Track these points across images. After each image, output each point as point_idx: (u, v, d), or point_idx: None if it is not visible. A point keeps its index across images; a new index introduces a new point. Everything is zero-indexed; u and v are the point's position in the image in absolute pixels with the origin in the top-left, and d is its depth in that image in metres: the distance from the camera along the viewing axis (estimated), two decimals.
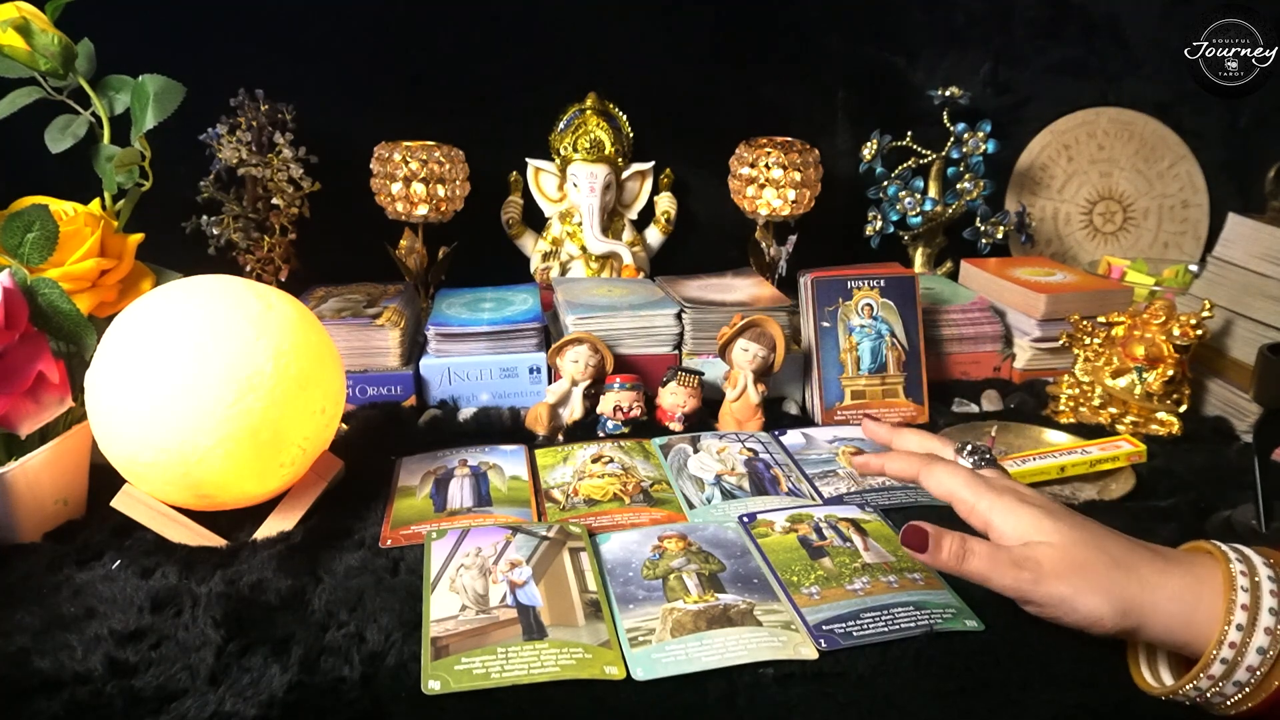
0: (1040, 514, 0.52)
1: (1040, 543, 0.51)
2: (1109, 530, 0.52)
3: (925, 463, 0.58)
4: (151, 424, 0.61)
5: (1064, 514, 0.52)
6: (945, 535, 0.53)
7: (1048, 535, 0.50)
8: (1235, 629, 0.45)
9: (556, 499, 0.73)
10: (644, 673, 0.52)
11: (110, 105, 0.79)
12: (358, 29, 1.10)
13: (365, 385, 0.90)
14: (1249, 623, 0.45)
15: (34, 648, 0.53)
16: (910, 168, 1.16)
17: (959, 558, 0.52)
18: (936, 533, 0.53)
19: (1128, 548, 0.50)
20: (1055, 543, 0.50)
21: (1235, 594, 0.46)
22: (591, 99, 1.15)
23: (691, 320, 0.93)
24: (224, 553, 0.64)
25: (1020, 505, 0.53)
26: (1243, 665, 0.45)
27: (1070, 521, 0.51)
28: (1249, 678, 0.45)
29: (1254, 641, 0.45)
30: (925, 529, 0.53)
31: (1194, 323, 0.85)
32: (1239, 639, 0.45)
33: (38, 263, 0.67)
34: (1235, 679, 0.45)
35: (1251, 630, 0.45)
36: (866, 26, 1.20)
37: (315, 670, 0.52)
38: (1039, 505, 0.53)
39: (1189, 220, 1.28)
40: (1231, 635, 0.45)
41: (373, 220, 1.09)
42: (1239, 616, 0.45)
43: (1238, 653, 0.45)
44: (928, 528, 0.53)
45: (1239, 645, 0.45)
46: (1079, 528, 0.51)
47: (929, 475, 0.57)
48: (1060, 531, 0.50)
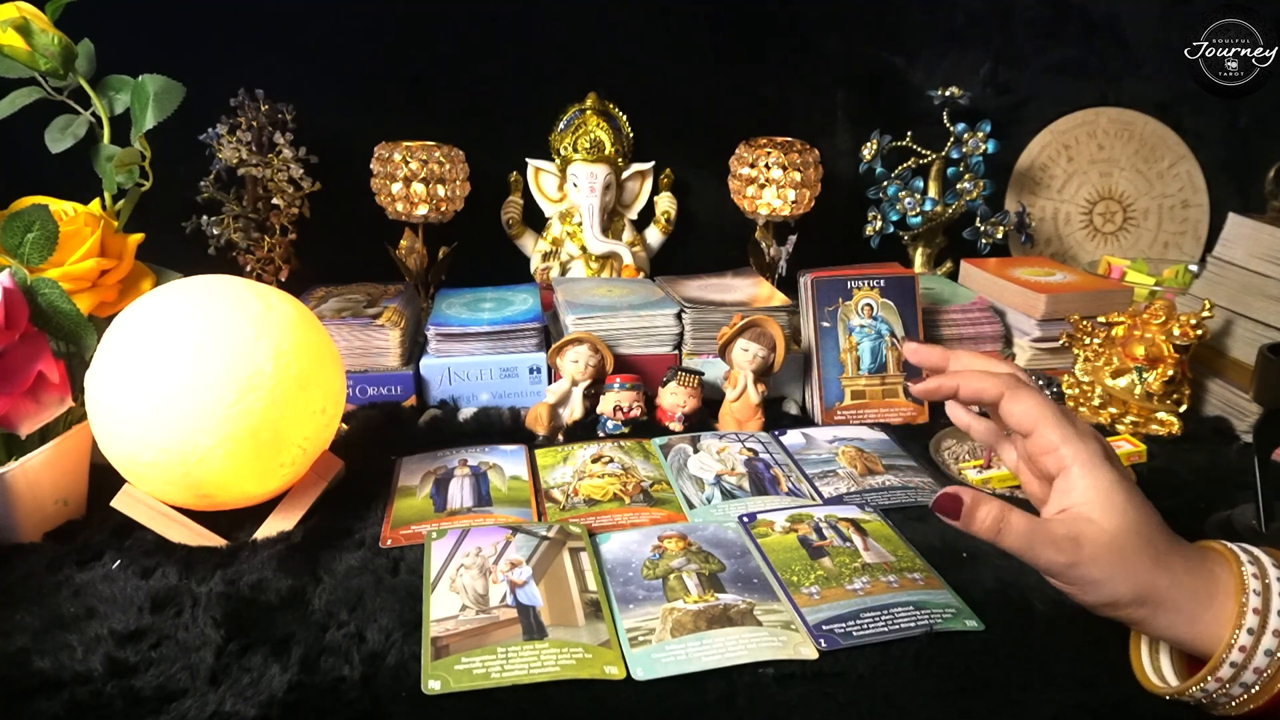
0: (1117, 484, 0.48)
1: (1090, 522, 0.48)
2: (1159, 519, 0.49)
3: (1012, 385, 0.51)
4: (151, 424, 0.61)
5: (1134, 490, 0.49)
6: (982, 504, 0.49)
7: (1109, 513, 0.47)
8: (1246, 633, 0.45)
9: (556, 499, 0.73)
10: (644, 673, 0.52)
11: (110, 105, 0.79)
12: (357, 29, 1.10)
13: (365, 385, 0.90)
14: (1259, 626, 0.45)
15: (34, 648, 0.53)
16: (910, 168, 1.16)
17: (995, 530, 0.48)
18: (974, 499, 0.49)
19: (1169, 541, 0.48)
20: (1106, 526, 0.47)
21: (1247, 597, 0.45)
22: (591, 99, 1.15)
23: (691, 320, 0.93)
24: (224, 553, 0.64)
25: (1103, 464, 0.49)
26: (1250, 668, 0.45)
27: (1135, 502, 0.48)
28: (1255, 680, 0.45)
29: (1263, 645, 0.45)
30: (960, 495, 0.49)
31: (1194, 323, 0.85)
32: (1249, 642, 0.45)
33: (38, 263, 0.67)
34: (1242, 681, 0.45)
35: (1261, 634, 0.45)
36: (866, 26, 1.20)
37: (315, 670, 0.52)
38: (1119, 471, 0.49)
39: (1189, 220, 1.28)
40: (1242, 639, 0.45)
41: (373, 220, 1.09)
42: (1250, 620, 0.45)
43: (1247, 656, 0.45)
44: (963, 494, 0.49)
45: (1249, 649, 0.45)
46: (1139, 512, 0.48)
47: (1015, 399, 0.51)
48: (1121, 513, 0.47)
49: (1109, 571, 0.47)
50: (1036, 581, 0.59)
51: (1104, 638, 0.53)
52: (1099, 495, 0.48)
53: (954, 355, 0.56)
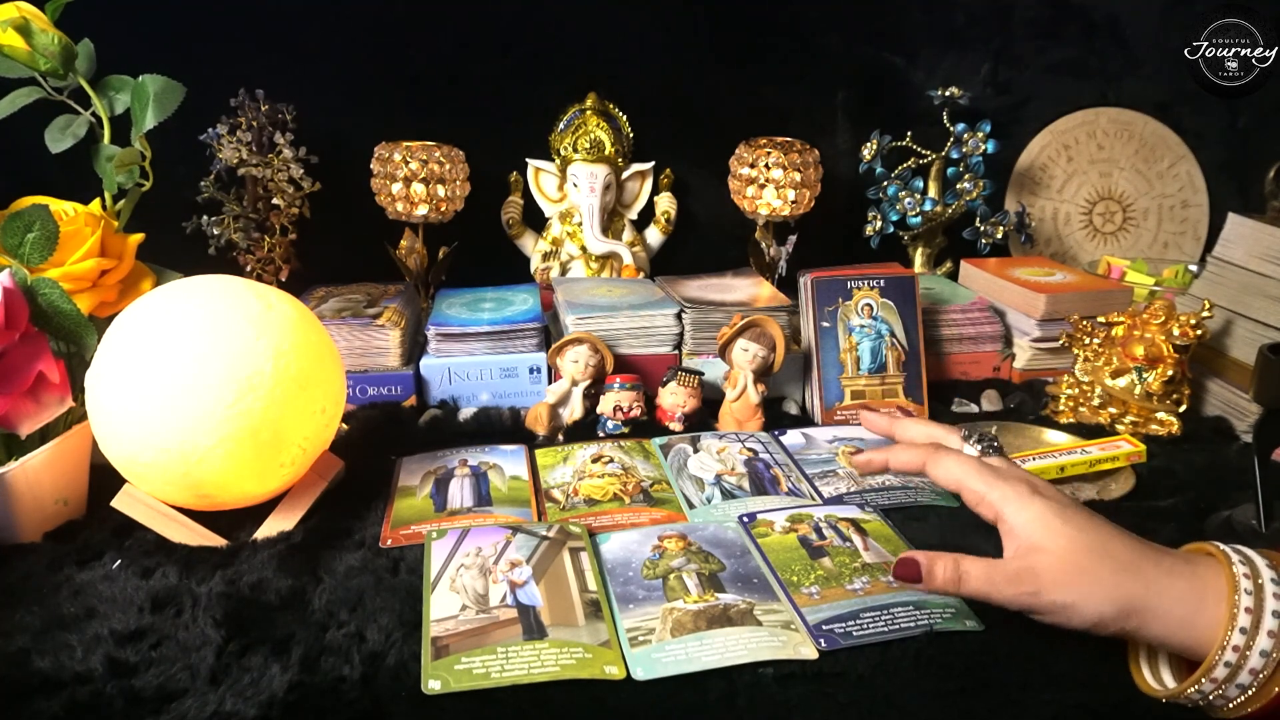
0: (1050, 509, 0.51)
1: (1039, 550, 0.50)
2: (1115, 529, 0.51)
3: (931, 453, 0.56)
4: (151, 424, 0.61)
5: (1073, 511, 0.51)
6: (937, 561, 0.52)
7: (1053, 537, 0.50)
8: (1239, 632, 0.45)
9: (556, 499, 0.73)
10: (644, 673, 0.52)
11: (110, 105, 0.79)
12: (357, 29, 1.10)
13: (365, 385, 0.90)
14: (1252, 626, 0.45)
15: (34, 648, 0.53)
16: (910, 168, 1.16)
17: (954, 581, 0.52)
18: (929, 560, 0.53)
19: (1132, 548, 0.49)
20: (1055, 549, 0.50)
21: (1239, 597, 0.46)
22: (591, 99, 1.15)
23: (691, 320, 0.93)
24: (224, 553, 0.64)
25: (1032, 498, 0.52)
26: (1246, 668, 0.45)
27: (1078, 522, 0.50)
28: (1252, 680, 0.45)
29: (1257, 645, 0.45)
30: (916, 559, 0.53)
31: (1194, 323, 0.85)
32: (1243, 642, 0.45)
33: (38, 263, 0.67)
34: (1238, 682, 0.45)
35: (1255, 634, 0.45)
36: (866, 26, 1.20)
37: (315, 670, 0.52)
38: (1050, 498, 0.52)
39: (1189, 220, 1.28)
40: (1235, 639, 0.45)
41: (373, 220, 1.09)
42: (1243, 620, 0.45)
43: (1241, 656, 0.45)
44: (919, 556, 0.53)
45: (1242, 648, 0.45)
46: (1084, 529, 0.50)
47: (936, 465, 0.56)
48: (1065, 534, 0.50)
49: (1076, 591, 0.49)
50: None
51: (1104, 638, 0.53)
52: (1037, 524, 0.51)
53: (899, 423, 0.63)
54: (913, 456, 0.58)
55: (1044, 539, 0.50)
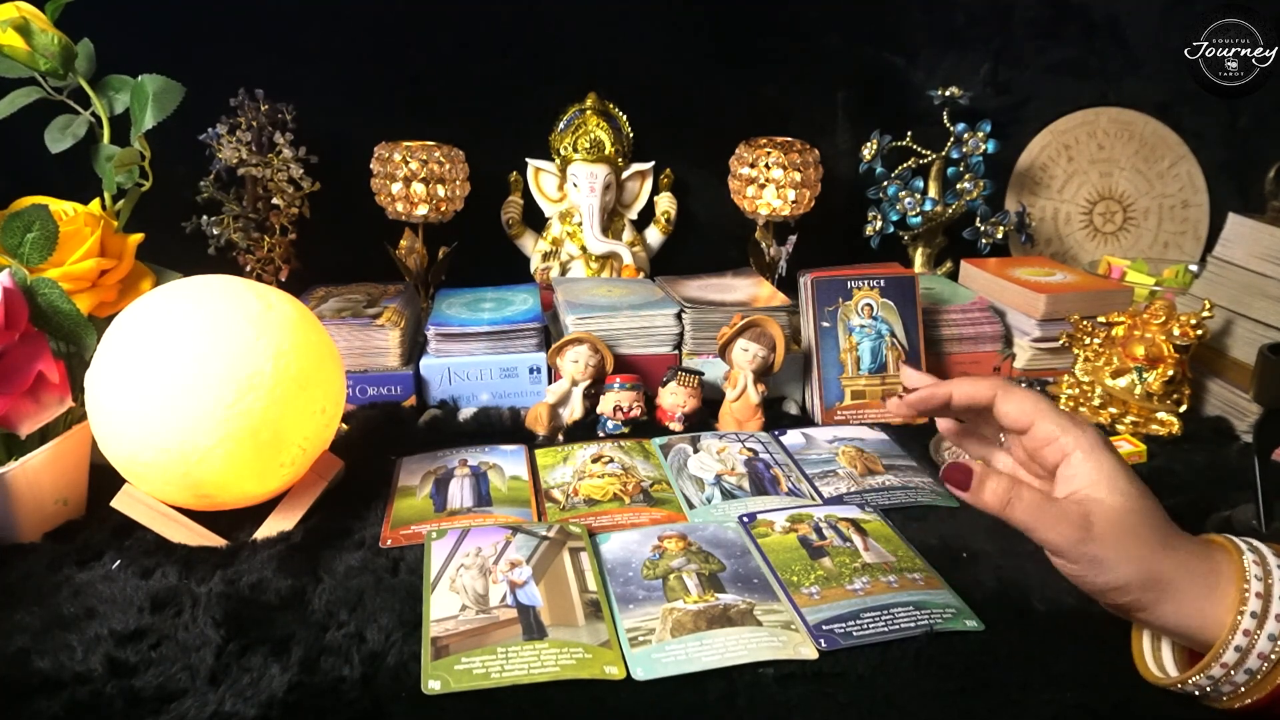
0: (1118, 465, 0.49)
1: (1097, 501, 0.48)
2: (1162, 508, 0.50)
3: (1002, 384, 0.53)
4: (151, 424, 0.61)
5: (1135, 476, 0.50)
6: (992, 475, 0.49)
7: (1114, 492, 0.48)
8: (1250, 617, 0.45)
9: (556, 499, 0.73)
10: (644, 673, 0.52)
11: (110, 105, 0.79)
12: (357, 29, 1.10)
13: (365, 385, 0.90)
14: (1262, 611, 0.45)
15: (34, 648, 0.53)
16: (910, 168, 1.16)
17: (1003, 501, 0.49)
18: (982, 470, 0.49)
19: (1171, 525, 0.49)
20: (1113, 504, 0.48)
21: (1249, 583, 0.46)
22: (591, 99, 1.15)
23: (691, 320, 0.93)
24: (224, 553, 0.64)
25: (1104, 449, 0.50)
26: (1254, 653, 0.45)
27: (1138, 485, 0.49)
28: (1260, 665, 0.45)
29: (1265, 629, 0.45)
30: (970, 465, 0.50)
31: (1194, 323, 0.85)
32: (1253, 626, 0.45)
33: (38, 263, 0.67)
34: (1247, 667, 0.45)
35: (1264, 619, 0.45)
36: (866, 26, 1.20)
37: (315, 670, 0.52)
38: (1115, 455, 0.51)
39: (1189, 220, 1.28)
40: (1246, 623, 0.45)
41: (373, 220, 1.09)
42: (1253, 604, 0.45)
43: (1251, 640, 0.45)
44: (974, 464, 0.50)
45: (1252, 632, 0.45)
46: (1143, 494, 0.49)
47: (1008, 397, 0.53)
48: (1127, 492, 0.48)
49: (1117, 551, 0.47)
50: (1036, 581, 0.60)
51: (1104, 638, 0.53)
52: (1104, 477, 0.49)
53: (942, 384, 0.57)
54: (980, 388, 0.54)
55: (1105, 491, 0.48)
